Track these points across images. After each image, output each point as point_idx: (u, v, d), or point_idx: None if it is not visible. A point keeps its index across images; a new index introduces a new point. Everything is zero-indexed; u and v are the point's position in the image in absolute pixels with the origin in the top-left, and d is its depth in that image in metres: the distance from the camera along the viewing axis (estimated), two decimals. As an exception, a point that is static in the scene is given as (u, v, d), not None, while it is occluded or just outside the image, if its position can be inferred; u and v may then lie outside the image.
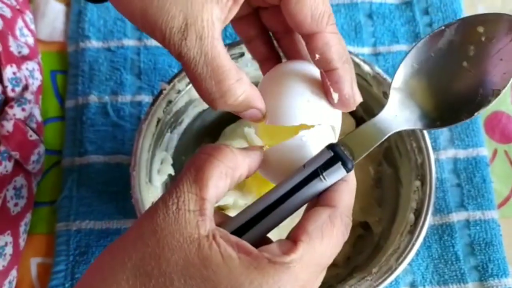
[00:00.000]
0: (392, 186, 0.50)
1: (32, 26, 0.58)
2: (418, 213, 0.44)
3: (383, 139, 0.33)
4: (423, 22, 0.61)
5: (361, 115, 0.51)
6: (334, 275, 0.48)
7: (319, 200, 0.31)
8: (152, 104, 0.45)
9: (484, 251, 0.51)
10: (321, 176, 0.30)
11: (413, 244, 0.42)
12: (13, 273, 0.49)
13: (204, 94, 0.31)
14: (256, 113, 0.33)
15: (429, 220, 0.43)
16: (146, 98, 0.56)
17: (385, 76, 0.47)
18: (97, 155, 0.54)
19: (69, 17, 0.60)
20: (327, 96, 0.34)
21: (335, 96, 0.33)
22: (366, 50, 0.60)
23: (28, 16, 0.58)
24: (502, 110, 0.58)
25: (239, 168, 0.30)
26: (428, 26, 0.61)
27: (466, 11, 0.62)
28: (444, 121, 0.34)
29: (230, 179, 0.30)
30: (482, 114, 0.57)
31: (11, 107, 0.49)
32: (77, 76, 0.57)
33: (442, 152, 0.55)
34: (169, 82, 0.45)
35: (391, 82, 0.35)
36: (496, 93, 0.33)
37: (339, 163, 0.30)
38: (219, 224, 0.29)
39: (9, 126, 0.48)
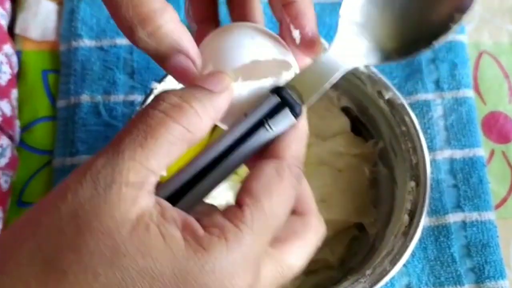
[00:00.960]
0: (387, 187, 0.49)
1: (3, 22, 0.56)
2: (412, 214, 0.43)
3: (332, 78, 0.29)
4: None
5: (356, 115, 0.51)
6: (329, 277, 0.48)
7: (264, 153, 0.27)
8: (142, 103, 0.45)
9: (481, 253, 0.50)
10: (266, 126, 0.27)
11: (407, 246, 0.42)
12: None
13: (121, 23, 0.27)
14: (185, 62, 0.27)
15: (423, 221, 0.42)
16: (139, 98, 0.56)
17: (380, 75, 0.47)
18: (89, 155, 0.53)
19: (62, 16, 0.59)
20: (285, 39, 0.30)
21: (296, 34, 0.29)
22: (362, 49, 0.59)
23: (1, 13, 0.56)
24: (499, 110, 0.57)
25: (201, 131, 0.25)
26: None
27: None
28: (400, 52, 0.30)
29: (187, 143, 0.25)
30: (479, 114, 0.56)
31: None
32: (69, 76, 0.56)
33: (438, 152, 0.54)
34: (159, 81, 0.45)
35: (339, 10, 0.30)
36: (458, 18, 0.29)
37: (287, 109, 0.27)
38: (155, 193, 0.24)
39: None
